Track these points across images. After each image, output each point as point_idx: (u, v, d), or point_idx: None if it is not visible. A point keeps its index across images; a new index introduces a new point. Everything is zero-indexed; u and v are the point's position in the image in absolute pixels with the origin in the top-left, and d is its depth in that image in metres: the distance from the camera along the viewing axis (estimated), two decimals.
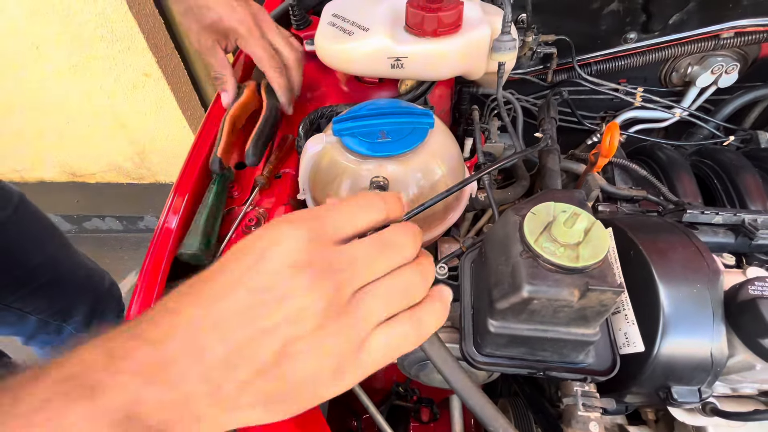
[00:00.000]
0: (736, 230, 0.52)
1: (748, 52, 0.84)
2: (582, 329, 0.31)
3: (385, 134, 0.42)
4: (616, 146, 0.47)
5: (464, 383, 0.29)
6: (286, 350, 0.21)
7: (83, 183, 2.20)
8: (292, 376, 0.22)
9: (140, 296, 0.40)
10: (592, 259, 0.29)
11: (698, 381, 0.37)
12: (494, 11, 0.57)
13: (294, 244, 0.22)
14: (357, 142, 0.42)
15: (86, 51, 1.57)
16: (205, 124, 0.56)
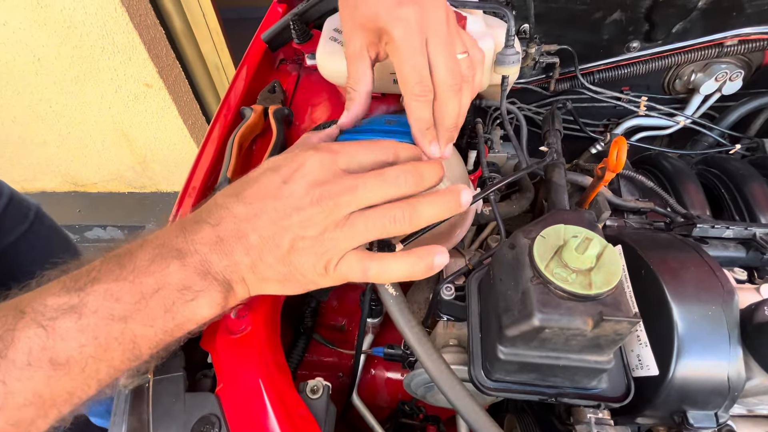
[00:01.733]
0: (747, 244, 0.51)
1: (752, 59, 0.84)
2: (595, 356, 0.31)
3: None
4: (624, 161, 0.46)
5: (469, 406, 0.28)
6: (295, 244, 0.30)
7: (85, 193, 2.20)
8: (297, 263, 0.30)
9: None
10: (606, 286, 0.28)
11: (715, 405, 0.36)
12: (497, 24, 0.57)
13: (313, 168, 0.30)
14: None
15: (87, 62, 1.58)
16: (205, 144, 0.56)
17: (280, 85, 0.65)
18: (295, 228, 0.29)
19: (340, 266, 0.31)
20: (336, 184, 0.30)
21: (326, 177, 0.30)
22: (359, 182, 0.30)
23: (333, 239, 0.30)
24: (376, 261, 0.31)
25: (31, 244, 0.78)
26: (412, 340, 0.31)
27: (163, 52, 1.62)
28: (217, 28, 1.66)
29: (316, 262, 0.30)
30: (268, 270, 0.30)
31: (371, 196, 0.30)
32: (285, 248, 0.29)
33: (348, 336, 0.63)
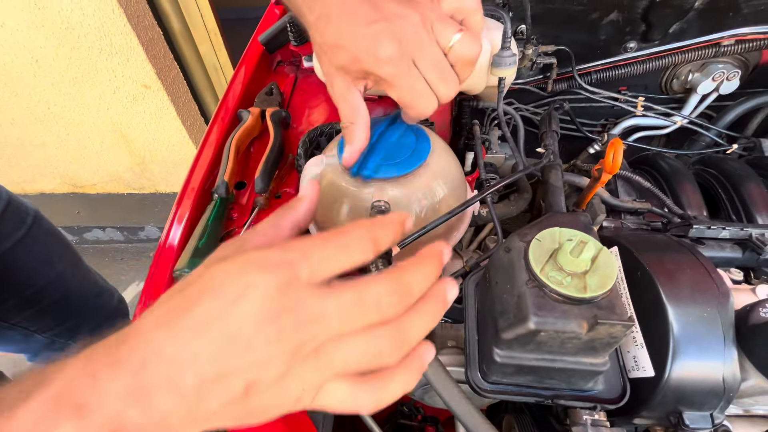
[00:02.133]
0: (743, 245, 0.51)
1: (749, 58, 0.84)
2: (591, 359, 0.31)
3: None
4: (620, 163, 0.46)
5: (465, 408, 0.29)
6: (250, 389, 0.23)
7: (84, 194, 2.20)
8: (257, 404, 0.24)
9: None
10: (600, 289, 0.28)
11: (710, 406, 0.36)
12: (494, 25, 0.57)
13: (264, 293, 0.23)
14: (354, 166, 0.41)
15: (85, 64, 1.58)
16: (203, 146, 0.56)
17: (277, 87, 0.65)
18: (247, 371, 0.23)
19: (320, 400, 0.25)
20: (298, 312, 0.23)
21: (284, 304, 0.23)
22: (330, 310, 0.23)
23: (300, 377, 0.24)
24: (369, 388, 0.25)
25: (29, 249, 0.78)
26: None
27: (161, 53, 1.62)
28: (215, 29, 1.66)
29: (283, 402, 0.24)
30: (212, 416, 0.23)
31: (346, 328, 0.24)
32: (238, 392, 0.23)
33: None
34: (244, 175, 0.55)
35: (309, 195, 0.32)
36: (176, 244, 0.47)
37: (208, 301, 0.23)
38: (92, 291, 0.92)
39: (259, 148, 0.59)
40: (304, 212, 0.31)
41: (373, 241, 0.26)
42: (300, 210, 0.31)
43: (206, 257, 0.41)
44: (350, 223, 0.27)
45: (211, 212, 0.47)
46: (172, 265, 0.44)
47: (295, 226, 0.30)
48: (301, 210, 0.31)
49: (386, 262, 0.32)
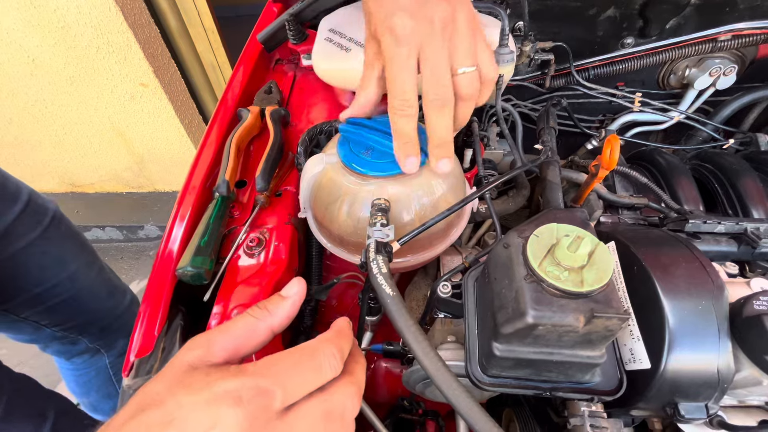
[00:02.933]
0: (738, 239, 0.52)
1: (746, 53, 0.84)
2: (588, 352, 0.31)
3: (369, 152, 0.42)
4: (617, 159, 0.47)
5: (465, 402, 0.29)
6: None
7: (82, 193, 2.20)
8: None
9: (143, 325, 0.40)
10: (597, 284, 0.29)
11: (705, 397, 0.37)
12: (491, 22, 0.57)
13: (233, 429, 0.21)
14: (355, 160, 0.41)
15: (82, 62, 1.57)
16: (203, 145, 0.56)
17: (276, 85, 0.65)
18: None
19: None
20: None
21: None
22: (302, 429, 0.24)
23: None
24: None
25: (43, 251, 0.78)
26: (410, 339, 0.32)
27: (158, 52, 1.62)
28: (212, 27, 1.66)
29: None
30: None
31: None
32: None
33: None
34: (245, 173, 0.56)
35: (292, 299, 0.30)
36: (178, 243, 0.47)
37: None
38: (104, 291, 0.93)
39: (259, 147, 0.59)
40: (283, 319, 0.30)
41: (341, 354, 0.27)
42: (279, 315, 0.30)
43: (207, 256, 0.42)
44: (318, 340, 0.28)
45: (213, 211, 0.48)
46: (175, 263, 0.45)
47: (271, 332, 0.29)
48: (281, 316, 0.30)
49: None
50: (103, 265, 0.94)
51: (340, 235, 0.45)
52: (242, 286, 0.43)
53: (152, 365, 0.37)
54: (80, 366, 0.97)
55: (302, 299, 0.31)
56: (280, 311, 0.30)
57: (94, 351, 0.95)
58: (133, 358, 0.38)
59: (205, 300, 0.43)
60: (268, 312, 0.29)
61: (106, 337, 0.94)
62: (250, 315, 0.29)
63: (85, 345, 0.93)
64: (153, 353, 0.38)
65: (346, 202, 0.42)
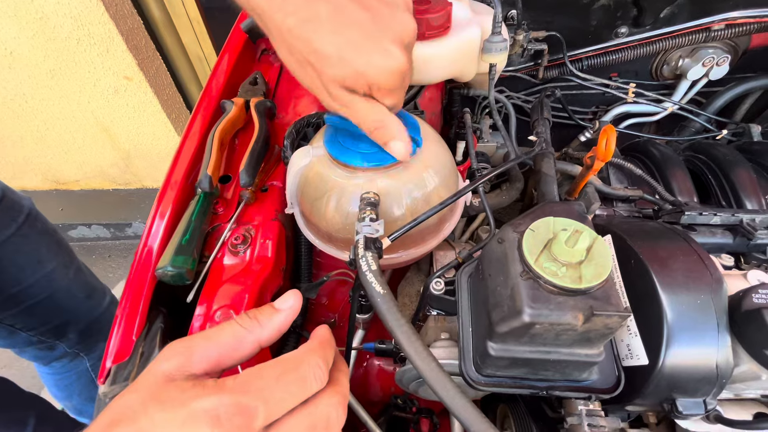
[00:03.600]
0: (734, 230, 0.51)
1: (739, 43, 0.84)
2: (586, 350, 0.30)
3: (358, 143, 0.40)
4: (613, 150, 0.45)
5: (462, 406, 0.28)
6: None
7: (67, 190, 2.15)
8: None
9: (120, 328, 0.38)
10: (596, 280, 0.28)
11: (703, 393, 0.36)
12: (484, 10, 0.55)
13: None
14: (344, 152, 0.39)
15: (63, 55, 1.52)
16: (185, 138, 0.54)
17: (262, 76, 0.63)
18: None
19: None
20: None
21: None
22: None
23: None
24: None
25: (17, 248, 0.75)
26: (402, 339, 0.30)
27: (142, 43, 1.57)
28: (197, 18, 1.61)
29: None
30: None
31: None
32: None
33: (339, 332, 0.62)
34: (229, 168, 0.54)
35: (285, 313, 0.28)
36: (158, 241, 0.45)
37: None
38: (82, 291, 0.90)
39: (243, 140, 0.57)
40: (273, 333, 0.28)
41: (326, 365, 0.26)
42: (270, 329, 0.27)
43: (189, 255, 0.39)
44: (302, 350, 0.26)
45: (195, 207, 0.45)
46: (155, 263, 0.42)
47: (258, 346, 0.27)
48: (271, 329, 0.27)
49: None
50: (80, 266, 0.91)
51: (328, 232, 0.43)
52: (227, 285, 0.41)
53: (130, 371, 0.35)
54: (59, 370, 0.94)
55: (296, 314, 0.29)
56: (271, 324, 0.27)
57: (73, 355, 0.92)
58: (110, 363, 0.36)
59: (187, 301, 0.41)
60: (258, 323, 0.27)
61: (85, 341, 0.91)
62: (238, 324, 0.27)
63: (63, 350, 0.90)
64: (131, 358, 0.36)
65: (334, 196, 0.41)
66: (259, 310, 0.28)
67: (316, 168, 0.42)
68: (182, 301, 0.42)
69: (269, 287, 0.44)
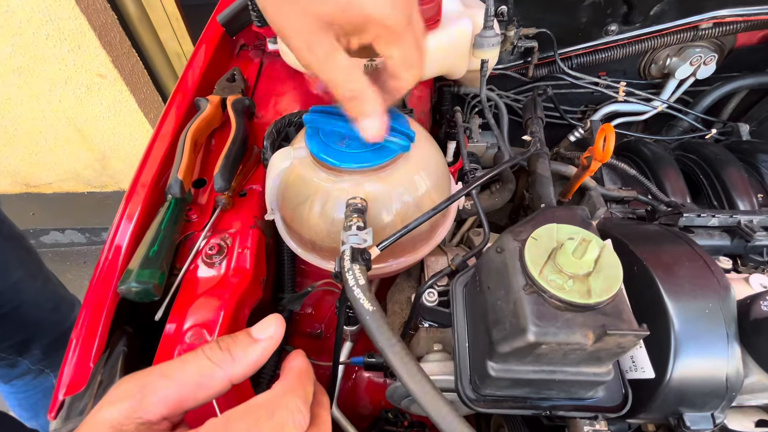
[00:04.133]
0: (731, 232, 0.50)
1: (725, 42, 0.84)
2: (594, 369, 0.28)
3: (344, 142, 0.36)
4: (612, 150, 0.43)
5: (455, 426, 0.25)
6: None
7: (39, 194, 2.04)
8: None
9: (75, 354, 0.33)
10: (606, 294, 0.25)
11: (712, 406, 0.34)
12: (474, 3, 0.53)
13: None
14: (328, 152, 0.36)
15: (31, 51, 1.44)
16: (155, 137, 0.50)
17: (240, 72, 0.59)
18: None
19: None
20: None
21: None
22: None
23: None
24: None
25: None
26: (394, 360, 0.27)
27: (116, 40, 1.50)
28: (175, 13, 1.54)
29: None
30: None
31: None
32: None
33: (326, 343, 0.59)
34: (204, 171, 0.50)
35: (264, 345, 0.24)
36: (124, 250, 0.41)
37: None
38: (49, 303, 0.84)
39: (220, 141, 0.53)
40: (248, 368, 0.24)
41: (306, 405, 0.23)
42: (244, 363, 0.23)
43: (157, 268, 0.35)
44: (279, 391, 0.22)
45: (165, 215, 0.41)
46: (118, 276, 0.38)
47: (229, 383, 0.23)
48: (246, 364, 0.23)
49: None
50: (49, 275, 0.86)
51: (311, 240, 0.40)
52: (200, 301, 0.37)
53: (86, 404, 0.31)
54: (22, 389, 0.87)
55: (277, 344, 0.25)
56: (246, 358, 0.23)
57: (37, 372, 0.86)
58: (62, 395, 0.32)
59: (156, 319, 0.37)
60: (231, 357, 0.23)
61: (51, 356, 0.85)
62: (205, 357, 0.23)
63: (26, 366, 0.84)
64: (87, 389, 0.32)
65: (317, 202, 0.37)
66: (234, 339, 0.24)
67: (298, 170, 0.39)
68: (151, 318, 0.38)
69: (248, 301, 0.40)
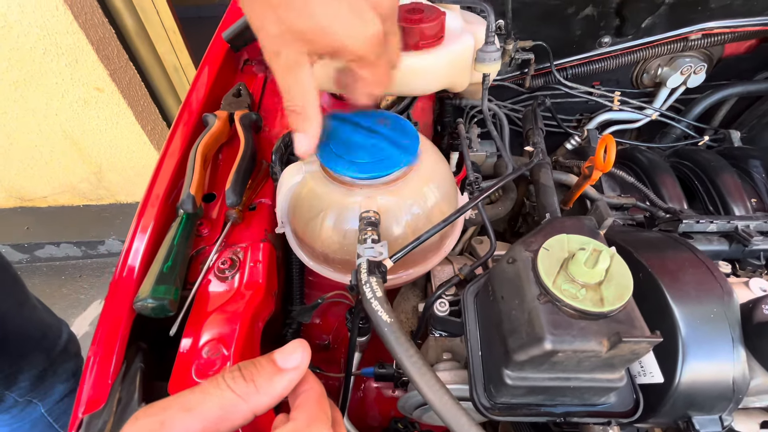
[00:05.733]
0: (729, 237, 0.51)
1: (713, 52, 0.87)
2: (608, 375, 0.29)
3: (355, 152, 0.37)
4: (613, 160, 0.45)
5: (465, 427, 0.26)
6: None
7: (33, 207, 2.03)
8: None
9: (93, 372, 0.33)
10: (618, 301, 0.26)
11: (719, 409, 0.35)
12: (475, 19, 0.54)
13: None
14: (342, 165, 0.37)
15: (28, 66, 1.44)
16: (164, 155, 0.50)
17: (245, 87, 0.60)
18: None
19: None
20: None
21: None
22: None
23: None
24: None
25: None
26: (413, 372, 0.28)
27: (114, 54, 1.51)
28: (173, 27, 1.56)
29: None
30: None
31: None
32: None
33: (334, 353, 0.59)
34: (213, 185, 0.50)
35: (290, 376, 0.23)
36: (138, 264, 0.41)
37: None
38: (37, 332, 0.80)
39: (228, 155, 0.54)
40: (273, 399, 0.23)
41: (330, 430, 0.22)
42: (270, 395, 0.23)
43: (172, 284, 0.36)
44: (305, 419, 0.22)
45: (177, 230, 0.42)
46: (134, 291, 0.38)
47: (253, 415, 0.22)
48: (272, 395, 0.23)
49: None
50: (36, 302, 0.82)
51: (324, 253, 0.40)
52: (214, 315, 0.38)
53: (105, 421, 0.31)
54: (9, 422, 0.82)
55: (303, 373, 0.24)
56: (271, 389, 0.23)
57: (24, 403, 0.81)
58: (81, 413, 0.32)
59: (171, 335, 0.37)
60: (255, 389, 0.22)
61: (39, 386, 0.80)
62: (228, 388, 0.22)
63: (13, 400, 0.79)
64: (106, 406, 0.32)
65: (330, 215, 0.38)
66: (258, 367, 0.23)
67: (310, 185, 0.40)
68: (165, 332, 0.38)
69: (261, 315, 0.40)
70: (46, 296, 1.60)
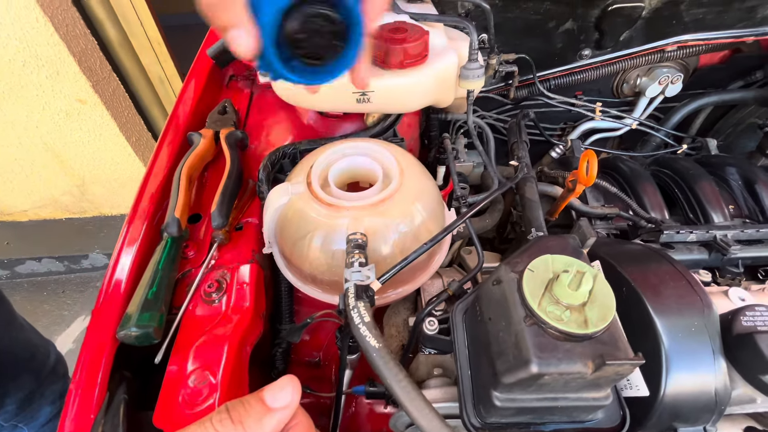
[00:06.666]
0: (708, 246, 0.53)
1: (689, 63, 0.90)
2: (594, 394, 0.29)
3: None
4: (595, 174, 0.46)
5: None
6: None
7: (13, 222, 1.97)
8: None
9: (75, 406, 0.32)
10: (602, 323, 0.27)
11: (703, 420, 0.36)
12: (459, 36, 0.55)
13: None
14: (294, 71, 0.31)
15: (6, 77, 1.41)
16: (149, 174, 0.49)
17: (231, 104, 0.59)
18: None
19: None
20: None
21: None
22: None
23: None
24: None
25: None
26: (402, 397, 0.28)
27: (96, 65, 1.48)
28: (157, 37, 1.54)
29: None
30: None
31: None
32: None
33: (324, 371, 0.59)
34: (199, 205, 0.50)
35: (279, 416, 0.22)
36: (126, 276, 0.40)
37: None
38: (24, 353, 0.77)
39: (214, 175, 0.53)
40: None
41: None
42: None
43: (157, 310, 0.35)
44: None
45: (162, 254, 0.41)
46: (119, 314, 0.38)
47: None
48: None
49: None
50: (23, 323, 0.80)
51: (312, 274, 0.40)
52: (201, 341, 0.37)
53: None
54: None
55: (293, 412, 0.23)
56: (260, 431, 0.22)
57: (10, 429, 0.78)
58: None
59: (156, 362, 0.37)
60: (243, 430, 0.21)
61: (27, 409, 0.78)
62: (215, 431, 0.21)
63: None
64: None
65: (317, 237, 0.38)
66: (246, 407, 0.22)
67: (297, 206, 0.39)
68: (150, 358, 0.37)
69: (249, 339, 0.40)
70: (28, 313, 1.55)
